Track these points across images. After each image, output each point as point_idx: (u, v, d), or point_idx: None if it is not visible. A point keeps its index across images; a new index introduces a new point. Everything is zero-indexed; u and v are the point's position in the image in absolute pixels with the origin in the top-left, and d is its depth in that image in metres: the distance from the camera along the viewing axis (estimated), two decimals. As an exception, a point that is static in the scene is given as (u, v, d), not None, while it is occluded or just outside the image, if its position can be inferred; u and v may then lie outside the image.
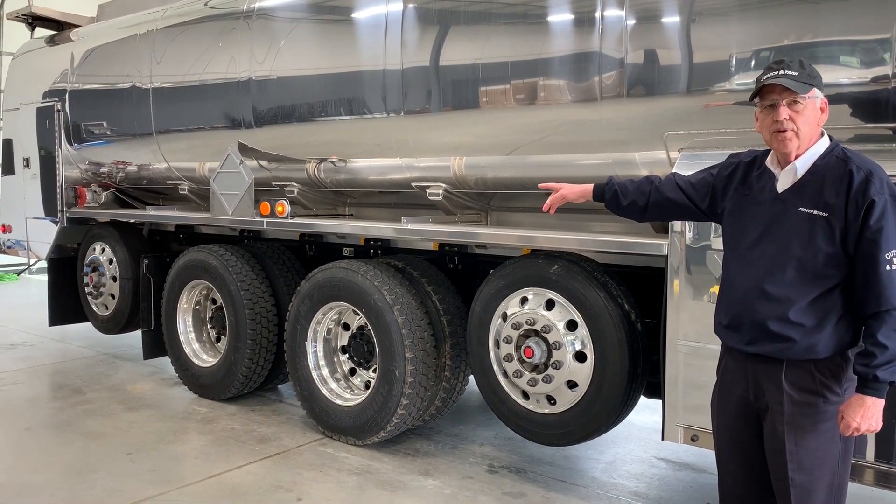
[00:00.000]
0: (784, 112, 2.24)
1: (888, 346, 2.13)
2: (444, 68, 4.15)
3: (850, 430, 2.20)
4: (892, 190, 2.19)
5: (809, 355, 2.25)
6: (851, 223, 2.18)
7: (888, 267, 2.14)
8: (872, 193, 2.15)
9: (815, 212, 2.23)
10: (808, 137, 2.27)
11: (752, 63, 3.12)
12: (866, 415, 2.18)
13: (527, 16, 3.87)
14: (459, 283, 4.72)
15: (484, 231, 4.33)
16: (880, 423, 2.20)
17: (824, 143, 2.30)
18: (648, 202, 2.65)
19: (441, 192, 4.43)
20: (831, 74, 2.91)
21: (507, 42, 3.91)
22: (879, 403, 2.18)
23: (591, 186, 2.77)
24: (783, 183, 2.32)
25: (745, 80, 3.15)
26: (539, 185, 2.98)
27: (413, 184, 4.54)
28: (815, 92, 2.25)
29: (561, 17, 3.73)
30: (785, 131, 2.25)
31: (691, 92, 3.33)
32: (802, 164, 2.28)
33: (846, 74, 2.93)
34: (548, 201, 2.84)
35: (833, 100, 2.90)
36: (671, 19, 3.36)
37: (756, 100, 2.32)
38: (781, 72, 2.24)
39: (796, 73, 2.23)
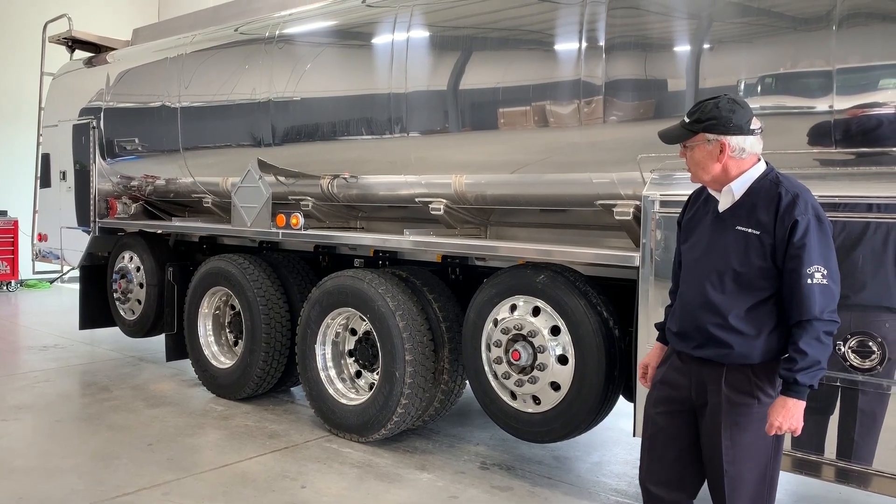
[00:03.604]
0: (682, 151, 2.65)
1: (808, 352, 2.40)
2: (448, 93, 4.51)
3: (773, 429, 2.46)
4: (816, 211, 2.47)
5: (746, 360, 2.53)
6: (779, 240, 2.47)
7: (809, 281, 2.41)
8: (797, 214, 2.44)
9: (749, 230, 2.52)
10: (707, 174, 2.59)
11: (711, 94, 3.44)
12: (787, 415, 2.44)
13: (526, 44, 4.23)
14: (460, 293, 5.05)
15: (479, 243, 4.67)
16: (801, 423, 2.46)
17: (759, 168, 2.60)
18: None
19: (442, 207, 4.78)
20: (782, 103, 3.23)
21: (511, 68, 4.26)
22: (800, 405, 2.44)
23: (657, 344, 2.97)
24: (723, 203, 2.63)
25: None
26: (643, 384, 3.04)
27: (416, 199, 4.90)
28: (701, 137, 2.56)
29: (551, 46, 4.08)
30: (687, 167, 2.66)
31: (660, 117, 3.65)
32: (738, 187, 2.59)
33: (796, 103, 3.24)
34: (646, 381, 2.99)
35: (786, 126, 3.24)
36: (637, 53, 3.70)
37: None
38: (683, 118, 2.60)
39: (687, 121, 2.58)
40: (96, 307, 7.63)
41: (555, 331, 4.12)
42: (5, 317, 10.21)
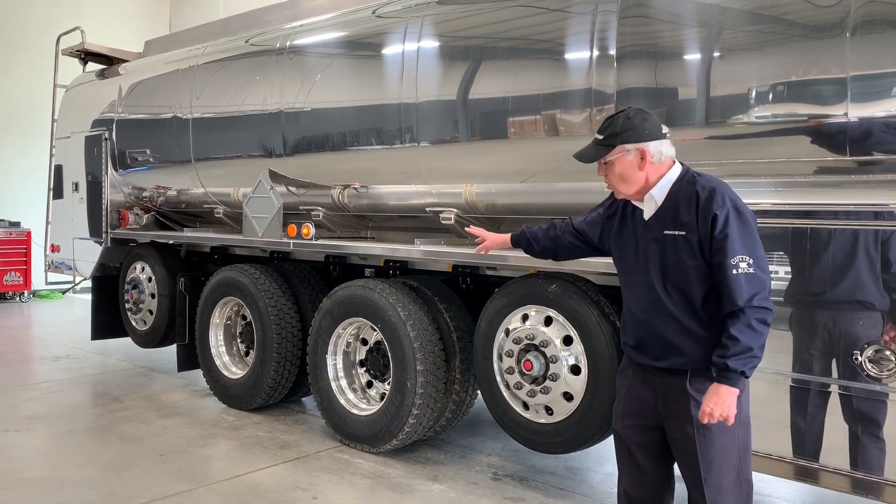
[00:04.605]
0: (601, 169, 2.67)
1: (739, 339, 2.40)
2: (458, 102, 4.51)
3: (705, 416, 2.45)
4: (735, 203, 2.50)
5: (707, 364, 2.52)
6: (703, 237, 2.50)
7: (735, 271, 2.43)
8: (715, 208, 2.48)
9: (676, 232, 2.56)
10: (630, 185, 2.62)
11: (723, 102, 3.44)
12: (719, 401, 2.43)
13: (537, 54, 4.23)
14: (471, 302, 5.03)
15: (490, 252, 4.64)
16: (733, 411, 2.44)
17: (676, 171, 2.64)
18: (556, 247, 3.06)
19: (452, 216, 4.77)
20: (795, 110, 3.21)
21: (522, 77, 4.26)
22: (732, 392, 2.44)
23: (508, 236, 3.21)
24: (647, 211, 2.66)
25: (717, 119, 3.46)
26: (467, 229, 3.43)
27: (427, 209, 4.89)
28: (622, 149, 2.58)
29: (561, 55, 4.07)
30: (609, 184, 2.68)
31: (672, 125, 3.62)
32: (658, 193, 2.62)
33: (809, 111, 3.21)
34: (477, 248, 3.32)
35: (799, 134, 3.22)
36: (649, 61, 3.69)
37: None
38: (595, 136, 2.64)
39: (602, 137, 2.61)
40: (108, 318, 7.66)
41: (567, 341, 4.10)
42: (18, 327, 10.27)
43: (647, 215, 2.66)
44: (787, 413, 3.30)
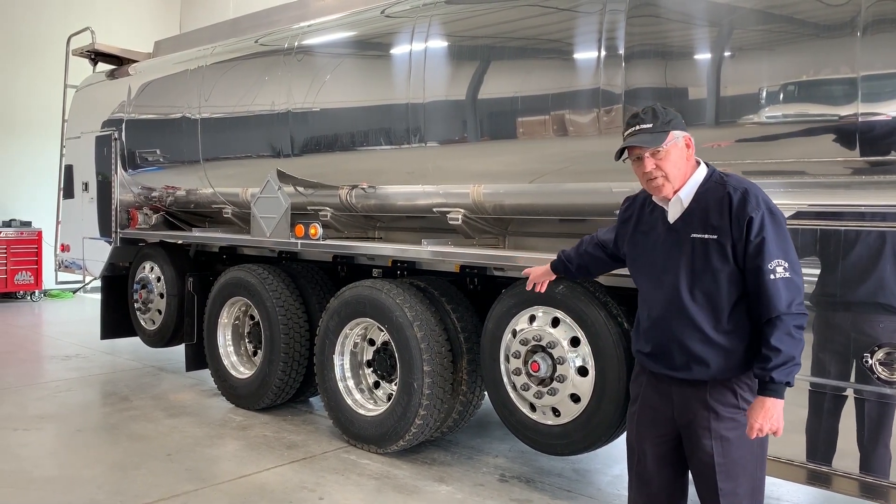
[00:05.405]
0: (650, 164, 2.51)
1: (781, 349, 2.34)
2: (466, 102, 4.49)
3: (754, 431, 2.40)
4: (768, 205, 2.43)
5: (728, 374, 2.47)
6: (737, 240, 2.42)
7: (772, 276, 2.36)
8: (750, 210, 2.40)
9: (706, 235, 2.47)
10: (680, 174, 2.52)
11: (733, 102, 3.41)
12: (767, 416, 2.37)
13: (545, 54, 4.21)
14: (478, 303, 5.01)
15: (497, 253, 4.63)
16: (782, 423, 2.40)
17: (703, 171, 2.56)
18: (587, 263, 3.01)
19: (460, 217, 4.76)
20: (806, 111, 3.18)
21: (530, 77, 4.24)
22: (779, 404, 2.38)
23: (548, 266, 3.18)
24: (673, 213, 2.56)
25: (727, 119, 3.44)
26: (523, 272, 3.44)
27: (434, 209, 4.88)
28: (674, 135, 2.49)
29: (570, 55, 4.05)
30: (655, 178, 2.52)
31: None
32: (686, 194, 2.53)
33: (820, 111, 3.18)
34: (527, 285, 3.30)
35: (810, 134, 3.19)
36: (657, 61, 3.66)
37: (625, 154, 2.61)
38: (637, 127, 2.50)
39: (650, 126, 2.48)
40: (117, 317, 7.69)
41: (574, 342, 4.08)
42: (29, 326, 10.33)
43: (672, 218, 2.56)
44: (799, 416, 3.27)
